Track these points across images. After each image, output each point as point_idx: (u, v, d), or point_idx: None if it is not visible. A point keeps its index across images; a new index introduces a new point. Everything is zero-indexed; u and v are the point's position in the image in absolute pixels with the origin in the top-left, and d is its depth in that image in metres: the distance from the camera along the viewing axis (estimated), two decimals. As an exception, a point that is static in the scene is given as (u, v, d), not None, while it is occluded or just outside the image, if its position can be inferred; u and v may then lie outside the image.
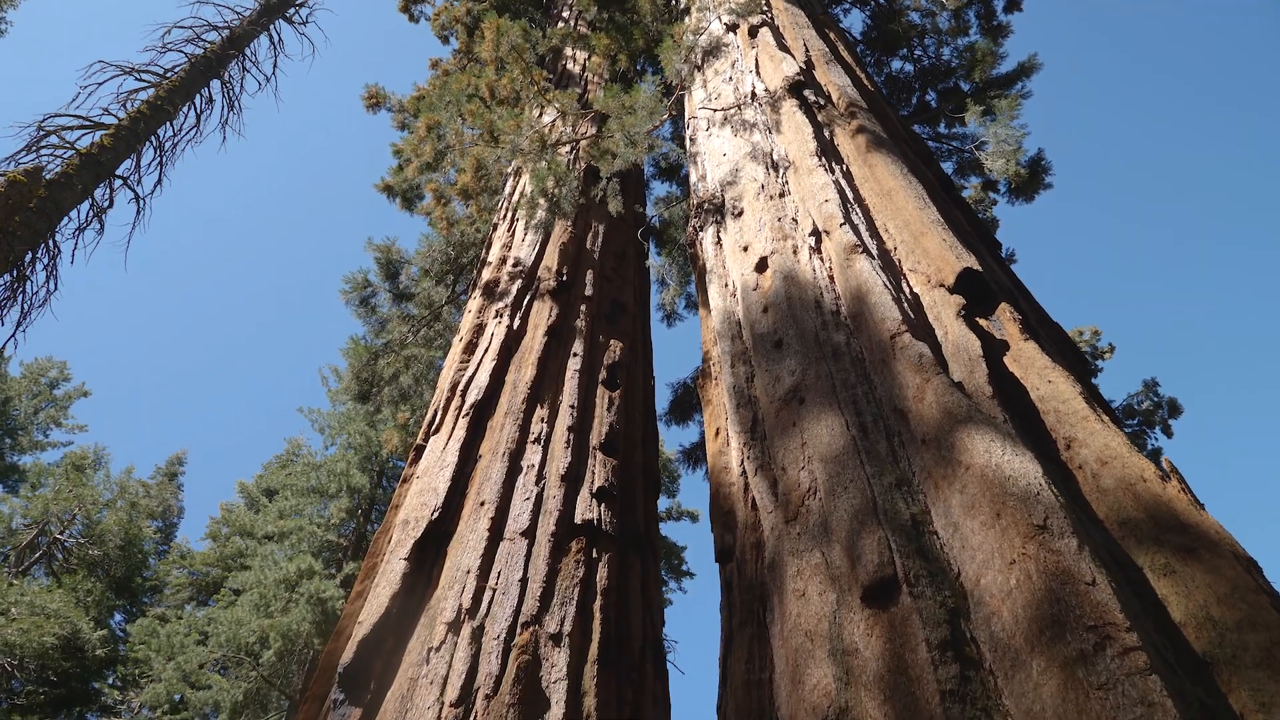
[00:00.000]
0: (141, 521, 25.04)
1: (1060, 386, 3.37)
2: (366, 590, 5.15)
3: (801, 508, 3.30)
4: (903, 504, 3.01)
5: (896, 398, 3.43)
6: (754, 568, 3.48)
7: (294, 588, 15.75)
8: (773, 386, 3.96)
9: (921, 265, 4.20)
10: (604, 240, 8.02)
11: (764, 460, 3.78)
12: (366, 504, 19.88)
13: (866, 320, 3.83)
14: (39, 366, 31.26)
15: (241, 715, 15.46)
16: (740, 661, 3.20)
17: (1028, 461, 2.79)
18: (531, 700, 4.11)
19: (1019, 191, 9.50)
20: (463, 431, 5.77)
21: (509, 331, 6.63)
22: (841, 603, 2.82)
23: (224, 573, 24.01)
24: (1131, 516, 2.84)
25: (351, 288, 9.74)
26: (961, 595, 2.67)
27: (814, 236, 4.69)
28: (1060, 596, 2.34)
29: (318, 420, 22.43)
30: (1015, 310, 3.90)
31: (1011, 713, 2.31)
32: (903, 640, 2.56)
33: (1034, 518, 2.56)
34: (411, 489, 5.64)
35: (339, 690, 4.40)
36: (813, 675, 2.69)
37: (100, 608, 22.25)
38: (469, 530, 5.04)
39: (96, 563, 22.34)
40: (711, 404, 4.70)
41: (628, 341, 7.01)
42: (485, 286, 7.39)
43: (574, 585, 4.75)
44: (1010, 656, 2.38)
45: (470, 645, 4.36)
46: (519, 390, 6.01)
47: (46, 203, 12.30)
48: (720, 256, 5.39)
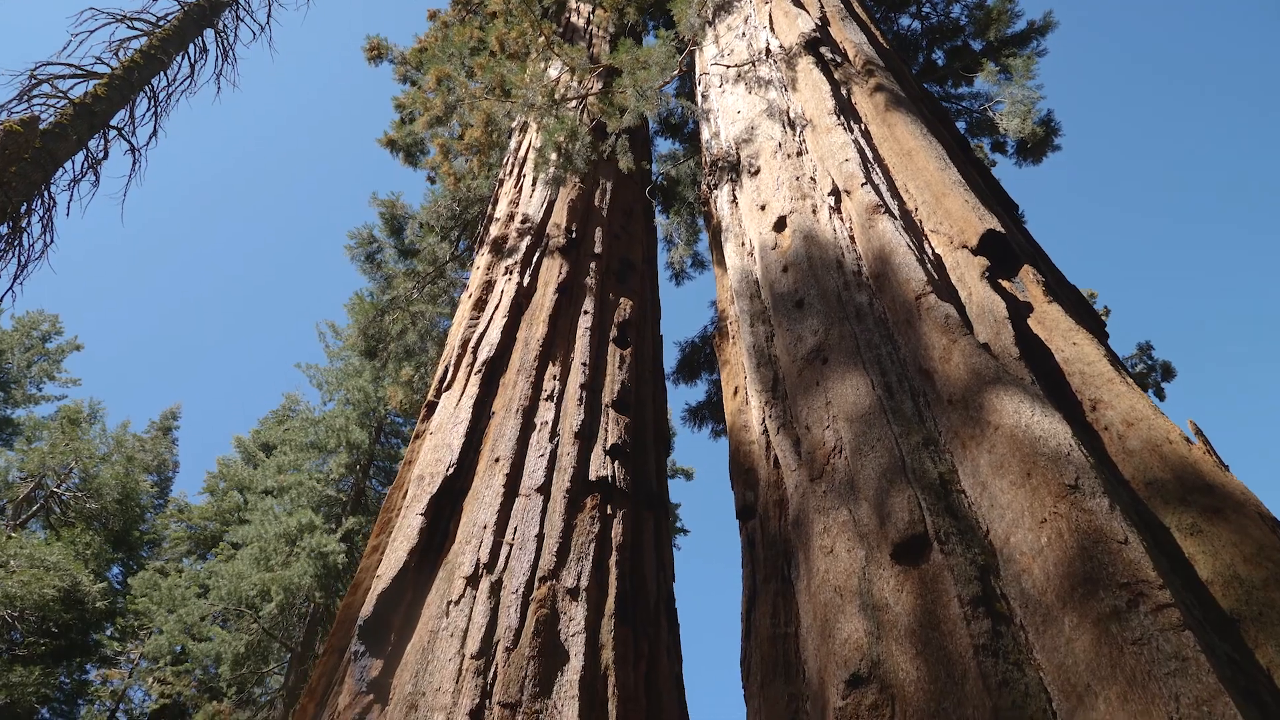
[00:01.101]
0: (138, 475, 25.09)
1: (1085, 349, 3.39)
2: (383, 545, 5.19)
3: (827, 466, 3.33)
4: (930, 463, 3.04)
5: (921, 358, 3.45)
6: (778, 525, 3.52)
7: (294, 542, 15.87)
8: (794, 346, 3.97)
9: (944, 226, 4.19)
10: (612, 197, 7.96)
11: (786, 419, 3.80)
12: (365, 459, 19.95)
13: (890, 281, 3.83)
14: (31, 320, 31.05)
15: (243, 667, 15.67)
16: (765, 616, 3.25)
17: (1057, 422, 2.82)
18: (551, 653, 4.17)
19: (1030, 152, 9.45)
20: (475, 388, 5.78)
21: (519, 288, 6.61)
22: (871, 559, 2.86)
23: (222, 527, 24.14)
24: (1158, 477, 2.88)
25: (357, 243, 9.66)
26: (990, 553, 2.71)
27: (834, 196, 4.67)
28: (1093, 554, 2.37)
29: (315, 376, 22.40)
30: (1038, 272, 3.91)
31: (1043, 666, 2.36)
32: (934, 596, 2.61)
33: (1065, 478, 2.59)
34: (425, 444, 5.66)
35: (359, 642, 4.45)
36: (843, 629, 2.74)
37: (99, 561, 22.38)
38: (484, 486, 5.07)
39: (94, 516, 22.42)
40: (729, 363, 4.71)
41: (637, 300, 7.01)
42: (493, 243, 7.35)
43: (590, 541, 4.80)
44: (1041, 612, 2.43)
45: (489, 599, 4.41)
46: (531, 347, 6.01)
47: (41, 154, 12.10)
48: (736, 215, 5.37)
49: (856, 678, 2.57)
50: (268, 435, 24.70)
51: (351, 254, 9.66)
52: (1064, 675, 2.27)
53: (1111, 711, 2.10)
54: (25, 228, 12.54)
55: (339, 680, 4.45)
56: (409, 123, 10.93)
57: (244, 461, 25.01)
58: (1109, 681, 2.14)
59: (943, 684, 2.40)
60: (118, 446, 24.53)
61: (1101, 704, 2.14)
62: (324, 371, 22.34)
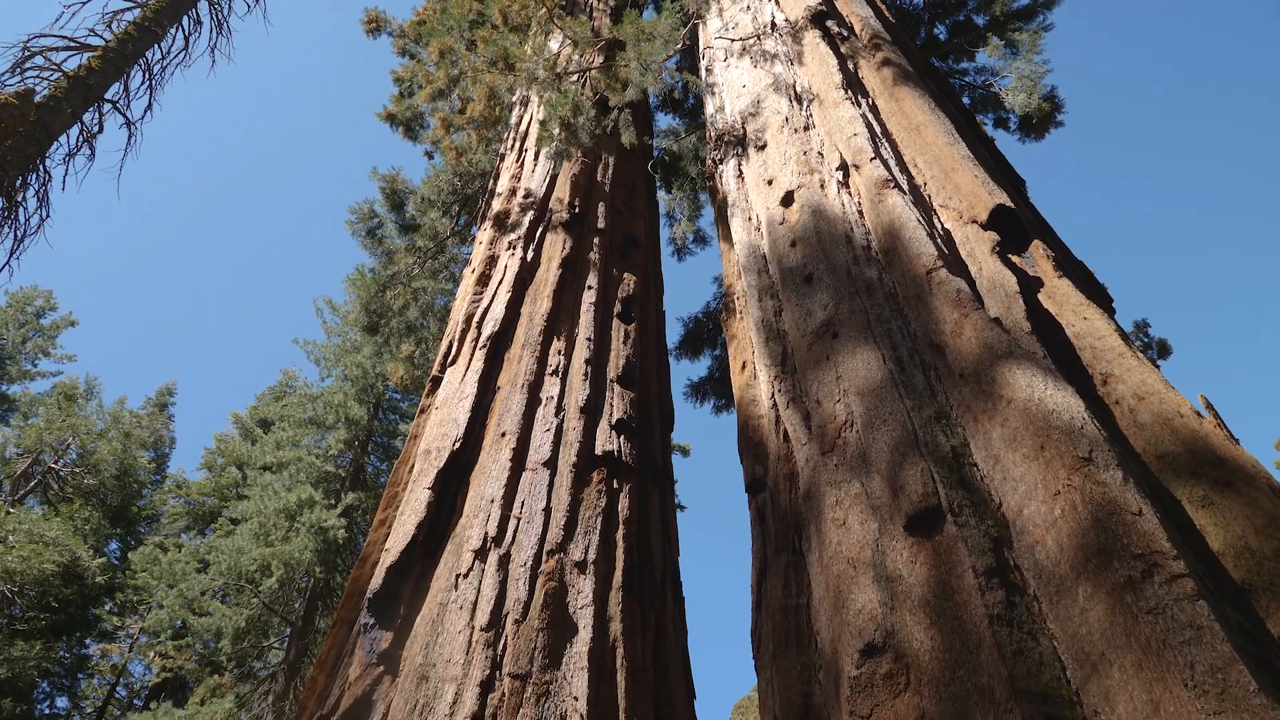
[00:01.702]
0: (135, 451, 25.09)
1: (1096, 323, 3.41)
2: (390, 519, 5.21)
3: (838, 440, 3.35)
4: (943, 436, 3.06)
5: (932, 333, 3.46)
6: (788, 498, 3.54)
7: (294, 517, 15.92)
8: (804, 321, 3.98)
9: (953, 201, 4.19)
10: (614, 173, 7.93)
11: (796, 393, 3.82)
12: (364, 435, 19.96)
13: (900, 256, 3.83)
14: (24, 295, 30.89)
15: (244, 641, 15.76)
16: (776, 588, 3.28)
17: (1070, 396, 2.83)
18: (560, 625, 4.21)
19: (1034, 128, 9.41)
20: (480, 363, 5.78)
21: (523, 263, 6.60)
22: (884, 531, 2.89)
23: (220, 502, 24.19)
24: (1169, 450, 2.91)
25: (358, 218, 9.60)
26: (1003, 525, 2.74)
27: (842, 170, 4.66)
28: (1107, 526, 2.39)
29: (313, 352, 22.32)
30: (1048, 248, 3.91)
31: (1057, 636, 2.39)
32: (949, 567, 2.63)
33: (1079, 450, 2.61)
34: (431, 419, 5.67)
35: (368, 615, 4.49)
36: (857, 600, 2.77)
37: (97, 536, 22.43)
38: (491, 460, 5.09)
39: (92, 492, 22.44)
40: (736, 338, 4.72)
41: (640, 275, 7.00)
42: (496, 218, 7.32)
43: (597, 515, 4.83)
44: (1055, 583, 2.46)
45: (498, 572, 4.43)
46: (535, 322, 6.01)
47: (36, 127, 11.99)
48: (743, 190, 5.35)
49: (871, 647, 2.60)
50: (265, 411, 24.69)
51: (352, 229, 9.61)
52: (1078, 644, 2.30)
53: (1126, 679, 2.13)
54: (21, 202, 12.46)
55: (349, 652, 4.48)
56: (408, 96, 10.83)
57: (241, 437, 25.01)
58: (1124, 650, 2.17)
59: (958, 653, 2.43)
60: (115, 422, 24.51)
61: (1116, 672, 2.17)
62: (321, 347, 22.29)
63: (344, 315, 22.95)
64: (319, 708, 4.34)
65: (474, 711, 3.79)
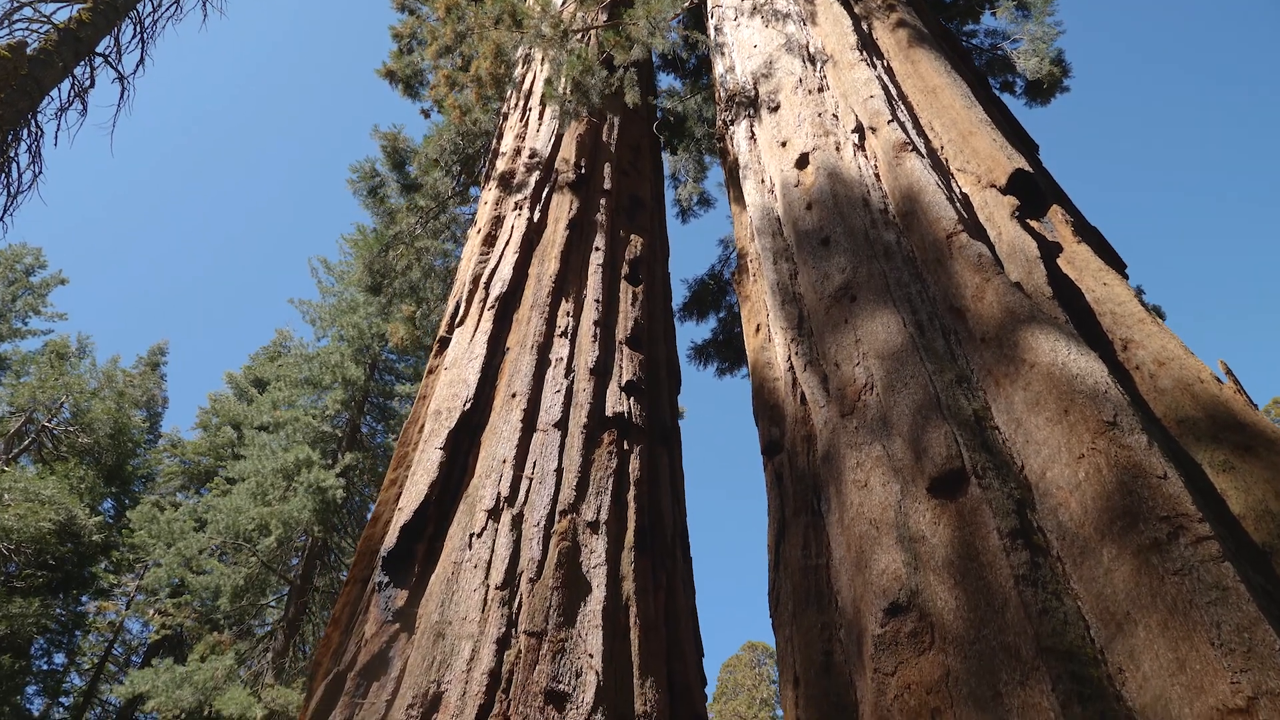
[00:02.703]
0: (129, 410, 25.04)
1: (1116, 289, 3.42)
2: (401, 479, 5.24)
3: (858, 402, 3.37)
4: (964, 400, 3.08)
5: (953, 297, 3.46)
6: (806, 460, 3.57)
7: (292, 477, 15.96)
8: (821, 284, 3.98)
9: (971, 165, 4.18)
10: (620, 133, 7.86)
11: (813, 356, 3.83)
12: (360, 396, 19.95)
13: (919, 219, 3.82)
14: (13, 253, 30.55)
15: (242, 599, 15.88)
16: (796, 548, 3.32)
17: (1093, 361, 2.85)
18: (573, 584, 4.25)
19: (1043, 93, 9.33)
20: (489, 324, 5.77)
21: (529, 224, 6.56)
22: (906, 493, 2.92)
23: (216, 461, 24.22)
24: (1189, 415, 2.94)
25: (359, 177, 9.49)
26: (1026, 487, 2.77)
27: (857, 133, 4.63)
28: (1132, 489, 2.42)
29: (309, 312, 22.22)
30: (1066, 213, 3.91)
31: (1081, 596, 2.43)
32: (973, 529, 2.67)
33: (1103, 414, 2.64)
34: (440, 380, 5.67)
35: (382, 573, 4.52)
36: (880, 560, 2.80)
37: (93, 495, 22.45)
38: (502, 421, 5.10)
39: (86, 451, 22.42)
40: (750, 300, 4.72)
41: (646, 237, 6.97)
42: (501, 178, 7.26)
43: (608, 476, 4.86)
44: (1079, 545, 2.49)
45: (511, 532, 4.47)
46: (543, 284, 5.99)
47: (28, 81, 11.80)
48: (755, 151, 5.32)
49: (895, 606, 2.64)
50: (260, 371, 24.63)
51: (354, 188, 9.51)
52: (1102, 604, 2.34)
53: (1152, 638, 2.18)
54: (13, 158, 12.30)
55: (363, 609, 4.53)
56: (407, 53, 10.66)
57: (236, 397, 24.97)
58: (1149, 610, 2.21)
59: (983, 612, 2.47)
60: (108, 381, 24.41)
61: (1141, 631, 2.21)
62: (317, 307, 22.17)
63: (339, 275, 22.82)
64: (335, 663, 4.39)
65: (491, 668, 3.84)
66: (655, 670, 4.19)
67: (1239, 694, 1.96)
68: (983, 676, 2.35)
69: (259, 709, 12.78)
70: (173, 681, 13.19)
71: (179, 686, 13.28)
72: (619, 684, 3.99)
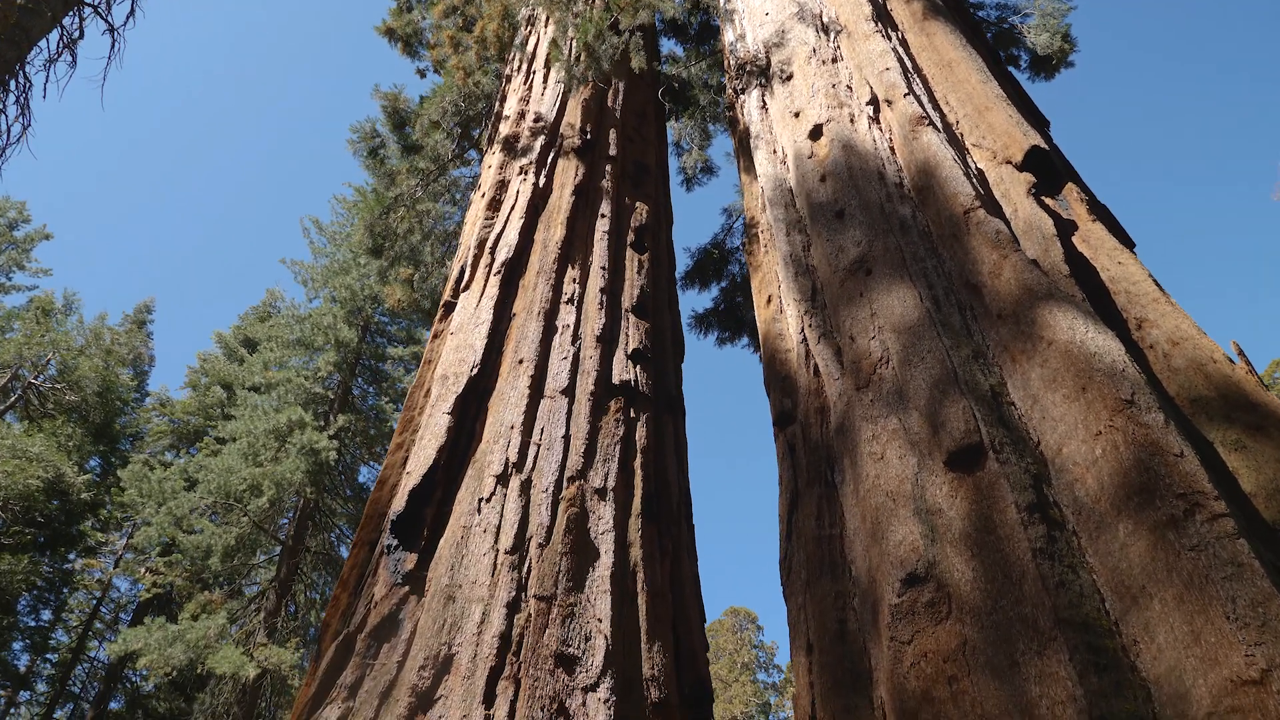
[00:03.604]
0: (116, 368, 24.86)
1: (1130, 268, 3.45)
2: (406, 442, 5.26)
3: (874, 376, 3.40)
4: (981, 375, 3.12)
5: (969, 272, 3.49)
6: (819, 431, 3.61)
7: (285, 438, 15.95)
8: (835, 257, 3.99)
9: (986, 141, 4.18)
10: (625, 99, 7.80)
11: (827, 329, 3.86)
12: (353, 358, 19.87)
13: (935, 195, 3.84)
14: (-2, 206, 30.09)
15: (233, 559, 15.93)
16: (809, 518, 3.37)
17: (1110, 339, 2.89)
18: (582, 550, 4.30)
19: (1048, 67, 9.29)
20: (495, 289, 5.76)
21: (535, 189, 6.53)
22: (923, 466, 2.96)
23: (205, 421, 24.14)
24: (1202, 395, 2.99)
25: (359, 137, 9.38)
26: (1042, 463, 2.82)
27: (872, 105, 4.62)
28: (1149, 466, 2.47)
29: (300, 273, 22.02)
30: (1081, 191, 3.93)
31: (1096, 570, 2.49)
32: (990, 503, 2.72)
33: (1121, 393, 2.68)
34: (446, 345, 5.67)
35: (391, 536, 4.56)
36: (897, 532, 2.85)
37: (81, 453, 22.37)
38: (509, 387, 5.12)
39: (74, 408, 22.29)
40: (761, 271, 4.74)
41: (651, 204, 6.95)
42: (505, 141, 7.21)
43: (615, 443, 4.89)
44: (1095, 519, 2.55)
45: (520, 497, 4.50)
46: (549, 250, 5.98)
47: (16, 30, 11.53)
48: (767, 121, 5.30)
49: (913, 577, 2.69)
50: (250, 331, 24.48)
51: (354, 148, 9.40)
52: (1118, 578, 2.40)
53: (1167, 611, 2.24)
54: (1, 109, 12.05)
55: (372, 572, 4.57)
56: (408, 11, 10.51)
57: (226, 357, 24.84)
58: (1165, 584, 2.27)
59: (1000, 584, 2.53)
60: (95, 339, 24.20)
61: (1157, 604, 2.27)
62: (309, 268, 21.98)
63: (331, 236, 22.62)
64: (344, 624, 4.44)
65: (502, 631, 3.89)
66: (662, 635, 4.26)
67: (1253, 666, 2.02)
68: (1000, 646, 2.41)
69: (251, 667, 12.89)
70: (165, 639, 13.26)
71: (171, 644, 13.36)
72: (627, 648, 4.05)
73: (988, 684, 2.37)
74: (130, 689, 21.69)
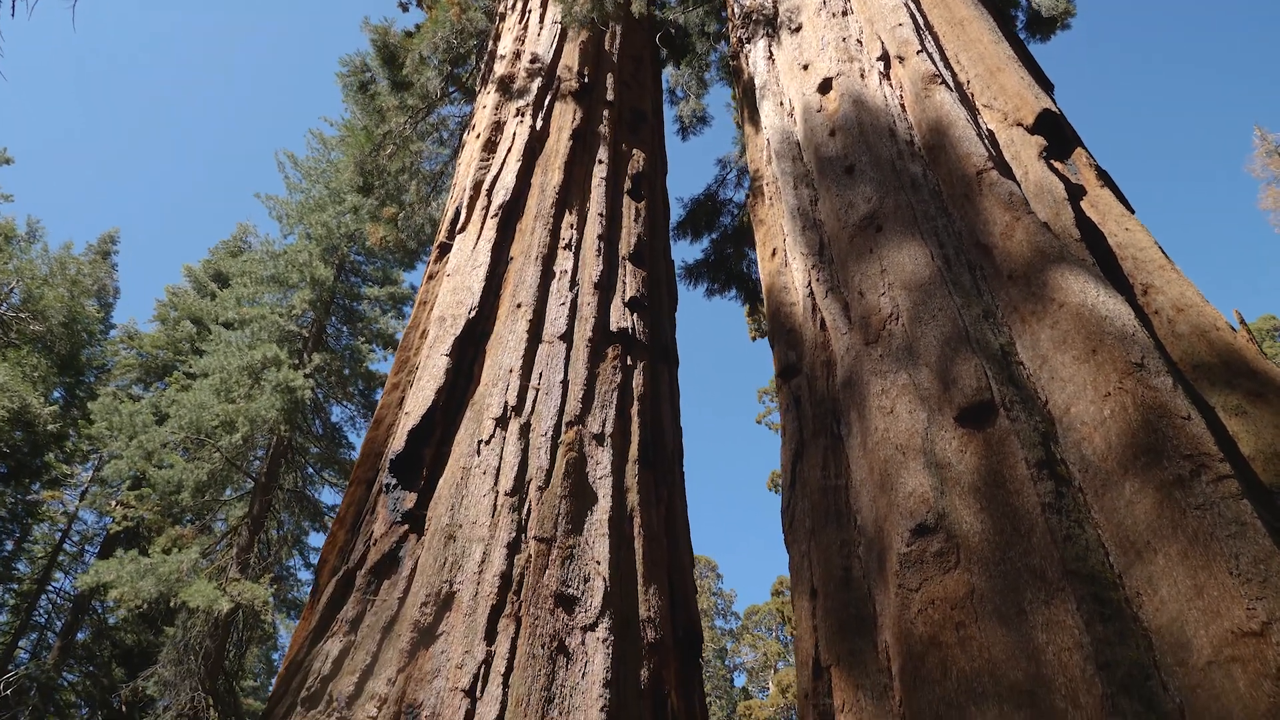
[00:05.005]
0: (82, 298, 24.36)
1: (1137, 235, 3.52)
2: (403, 383, 5.26)
3: (883, 331, 3.45)
4: (991, 334, 3.18)
5: (980, 233, 3.53)
6: (825, 384, 3.67)
7: (258, 375, 15.78)
8: (845, 212, 4.01)
9: (998, 102, 4.20)
10: (622, 43, 7.69)
11: (834, 283, 3.90)
12: (328, 297, 19.62)
13: (947, 154, 3.86)
14: (-45, 127, 29.02)
15: (205, 495, 15.85)
16: (815, 468, 3.44)
17: (1121, 304, 2.96)
18: (580, 494, 4.36)
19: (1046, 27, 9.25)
20: (493, 232, 5.72)
21: (532, 132, 6.45)
22: (933, 421, 3.03)
23: (174, 356, 23.81)
24: (1205, 361, 3.08)
25: (349, 71, 9.12)
26: (1050, 421, 2.90)
27: (883, 61, 4.61)
28: (1157, 428, 2.56)
29: (275, 208, 21.55)
30: (1090, 156, 3.97)
31: (1101, 525, 2.58)
32: (1000, 458, 2.80)
33: (1131, 356, 2.76)
34: (443, 286, 5.64)
35: (390, 476, 4.58)
36: (907, 483, 2.93)
37: (46, 384, 21.99)
38: (507, 331, 5.11)
39: (38, 338, 21.85)
40: (765, 224, 4.75)
41: (648, 152, 6.90)
42: (500, 82, 7.09)
43: (612, 390, 4.93)
44: (1101, 477, 2.64)
45: (519, 440, 4.54)
46: (547, 194, 5.94)
47: (-17, -57, 11.06)
48: (774, 72, 5.27)
49: (923, 527, 2.78)
50: (221, 265, 24.05)
51: (344, 82, 9.15)
52: (1122, 533, 2.50)
53: (1171, 566, 2.33)
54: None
55: (370, 510, 4.60)
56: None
57: (195, 291, 24.42)
58: (1170, 540, 2.37)
59: (1008, 536, 2.62)
60: (60, 268, 23.65)
61: (1161, 559, 2.37)
62: (284, 204, 21.53)
63: (307, 171, 22.14)
64: (342, 561, 4.48)
65: (502, 571, 3.95)
66: (658, 579, 4.35)
67: (1254, 619, 2.13)
68: (1008, 595, 2.51)
69: (225, 601, 12.93)
70: (137, 572, 13.24)
71: (142, 577, 13.35)
72: (624, 590, 4.14)
73: (995, 630, 2.47)
74: (97, 620, 21.67)
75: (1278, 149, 29.33)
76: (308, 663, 3.94)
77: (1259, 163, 29.32)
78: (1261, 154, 29.36)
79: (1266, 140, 29.43)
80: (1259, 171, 29.33)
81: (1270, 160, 29.20)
